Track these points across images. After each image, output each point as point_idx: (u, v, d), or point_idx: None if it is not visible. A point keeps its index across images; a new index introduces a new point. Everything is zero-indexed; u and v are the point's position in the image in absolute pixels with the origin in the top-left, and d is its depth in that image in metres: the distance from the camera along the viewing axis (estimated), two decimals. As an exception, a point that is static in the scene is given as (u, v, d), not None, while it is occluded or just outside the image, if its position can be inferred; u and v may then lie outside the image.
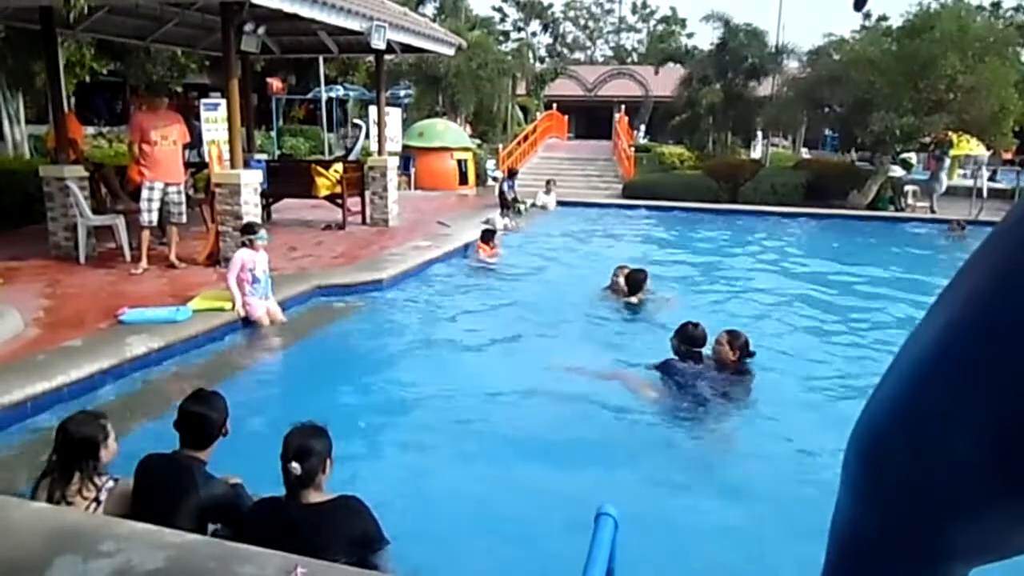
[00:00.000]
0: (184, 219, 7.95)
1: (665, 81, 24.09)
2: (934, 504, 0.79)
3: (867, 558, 0.90)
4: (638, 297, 6.97)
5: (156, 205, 7.63)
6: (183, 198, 7.89)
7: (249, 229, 6.33)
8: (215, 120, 8.29)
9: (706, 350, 4.98)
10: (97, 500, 2.75)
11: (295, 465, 2.49)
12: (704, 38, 66.48)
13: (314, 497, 2.55)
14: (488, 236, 9.88)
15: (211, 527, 2.79)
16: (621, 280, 7.24)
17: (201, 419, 2.84)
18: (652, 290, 7.19)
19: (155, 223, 7.70)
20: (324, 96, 21.28)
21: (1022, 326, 0.67)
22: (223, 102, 8.02)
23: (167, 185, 7.66)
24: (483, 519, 3.39)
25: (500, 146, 20.89)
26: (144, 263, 7.61)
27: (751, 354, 4.87)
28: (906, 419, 0.81)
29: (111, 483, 2.81)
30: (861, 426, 0.87)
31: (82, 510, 2.71)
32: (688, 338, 4.90)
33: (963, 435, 0.74)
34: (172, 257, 7.82)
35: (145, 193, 7.59)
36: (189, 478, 2.71)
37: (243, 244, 6.24)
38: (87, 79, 15.20)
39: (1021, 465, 0.69)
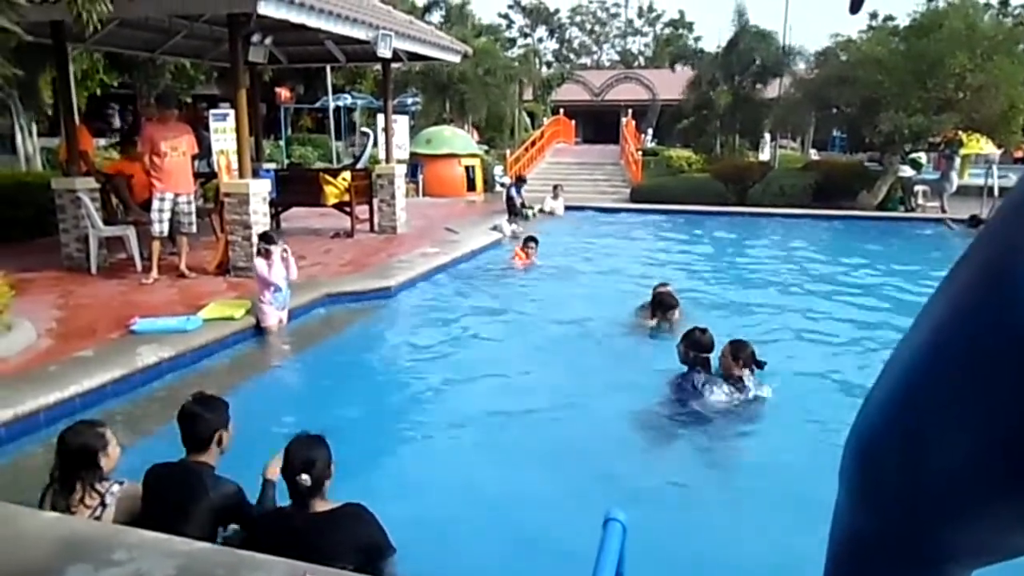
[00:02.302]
0: (194, 229, 8.01)
1: (672, 84, 24.08)
2: (930, 506, 0.79)
3: (865, 561, 0.90)
4: (657, 320, 6.34)
5: (167, 215, 7.69)
6: (193, 208, 7.95)
7: (268, 239, 6.33)
8: (224, 130, 8.33)
9: (714, 361, 4.92)
10: (103, 504, 2.78)
11: (305, 477, 2.51)
12: (711, 41, 66.47)
13: (320, 506, 2.57)
14: (529, 242, 9.69)
15: (221, 533, 2.81)
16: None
17: (194, 419, 2.86)
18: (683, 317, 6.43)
19: (166, 233, 7.77)
20: (332, 105, 21.40)
21: (1008, 327, 0.67)
22: (232, 112, 8.07)
23: (177, 195, 7.72)
24: (491, 524, 3.39)
25: (508, 152, 20.93)
26: (155, 273, 7.67)
27: (759, 365, 4.78)
28: (900, 421, 0.81)
29: (116, 487, 2.83)
30: (857, 429, 0.87)
31: (86, 518, 2.74)
32: (695, 344, 4.81)
33: (955, 436, 0.74)
34: (182, 267, 7.88)
35: (156, 204, 7.66)
36: (199, 482, 2.73)
37: (259, 252, 6.26)
38: (98, 91, 15.37)
39: (1015, 466, 0.69)
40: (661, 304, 6.38)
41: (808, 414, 4.72)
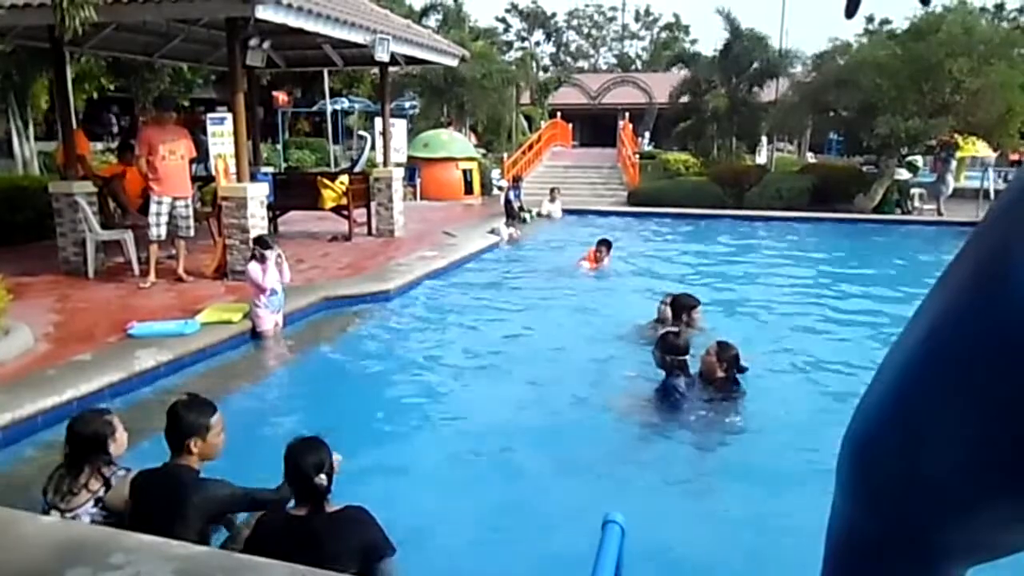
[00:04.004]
0: (192, 233, 8.01)
1: (669, 87, 24.10)
2: (926, 504, 0.80)
3: (863, 559, 0.90)
4: (681, 326, 5.78)
5: (164, 219, 7.69)
6: (191, 212, 7.95)
7: (263, 244, 6.32)
8: (221, 134, 8.37)
9: (694, 364, 4.88)
10: (108, 485, 2.84)
11: (322, 477, 2.53)
12: (707, 44, 66.72)
13: (328, 506, 2.59)
14: (601, 246, 9.34)
15: (218, 536, 2.81)
16: (669, 312, 6.11)
17: (173, 420, 2.86)
18: (704, 326, 6.14)
19: (163, 237, 7.76)
20: (329, 108, 21.41)
21: (1003, 328, 0.68)
22: (229, 116, 8.09)
23: (175, 199, 7.72)
24: (489, 527, 3.40)
25: (505, 155, 20.95)
26: (152, 277, 7.66)
27: (742, 369, 4.77)
28: (895, 420, 0.82)
29: (121, 472, 2.89)
30: (852, 428, 0.88)
31: (83, 499, 2.80)
32: (672, 348, 4.76)
33: (952, 436, 0.74)
34: (180, 271, 7.87)
35: (153, 208, 7.65)
36: (181, 487, 2.73)
37: (253, 257, 6.26)
38: (95, 95, 15.37)
39: (1007, 464, 0.70)
40: (682, 306, 5.99)
41: (799, 414, 4.74)
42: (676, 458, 4.26)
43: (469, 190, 18.57)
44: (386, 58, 9.87)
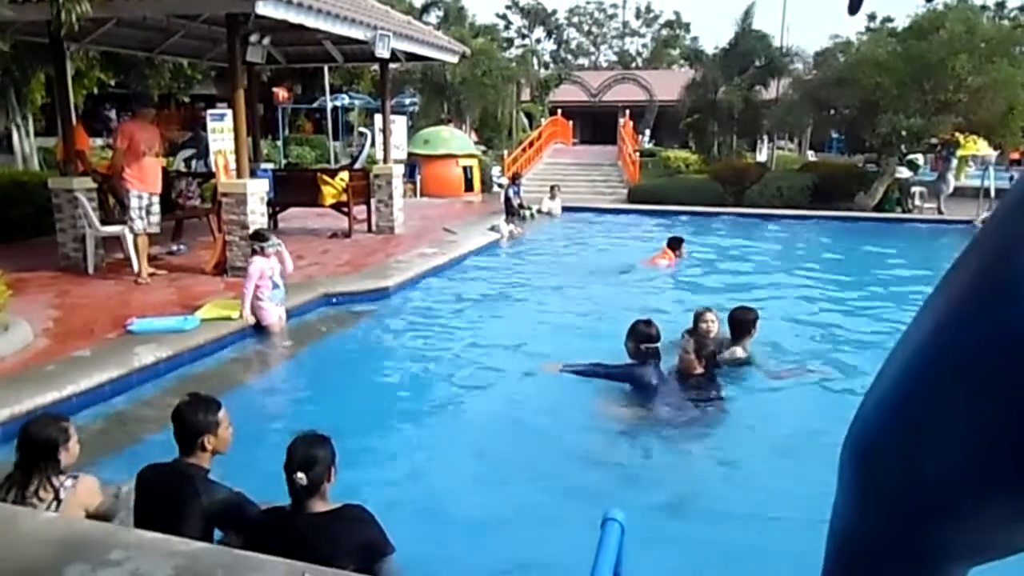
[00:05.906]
0: (158, 229, 8.06)
1: (670, 85, 24.08)
2: (926, 504, 0.80)
3: (864, 559, 0.90)
4: (745, 347, 5.19)
5: (145, 213, 7.72)
6: (158, 207, 8.01)
7: (259, 237, 6.38)
8: (222, 130, 8.37)
9: (672, 360, 4.86)
10: (57, 499, 2.78)
11: (300, 475, 2.50)
12: (707, 42, 66.61)
13: (319, 506, 2.55)
14: (674, 242, 9.47)
15: (218, 535, 2.80)
16: (714, 327, 5.28)
17: (180, 421, 2.85)
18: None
19: (148, 231, 7.78)
20: (329, 105, 21.38)
21: (1004, 331, 0.68)
22: (229, 112, 8.08)
23: (152, 195, 7.78)
24: (489, 525, 3.39)
25: (505, 152, 20.93)
26: (147, 270, 7.65)
27: (718, 364, 4.74)
28: (896, 422, 0.82)
29: (69, 481, 2.82)
30: (854, 429, 0.88)
31: (42, 511, 2.75)
32: (645, 337, 4.69)
33: (953, 436, 0.74)
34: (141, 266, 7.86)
35: (135, 202, 7.68)
36: (190, 486, 2.71)
37: (254, 252, 6.27)
38: (95, 90, 15.35)
39: (1006, 465, 0.70)
40: (743, 321, 5.27)
41: (801, 413, 4.73)
42: (666, 454, 4.25)
43: (469, 187, 18.57)
44: (387, 54, 9.85)
